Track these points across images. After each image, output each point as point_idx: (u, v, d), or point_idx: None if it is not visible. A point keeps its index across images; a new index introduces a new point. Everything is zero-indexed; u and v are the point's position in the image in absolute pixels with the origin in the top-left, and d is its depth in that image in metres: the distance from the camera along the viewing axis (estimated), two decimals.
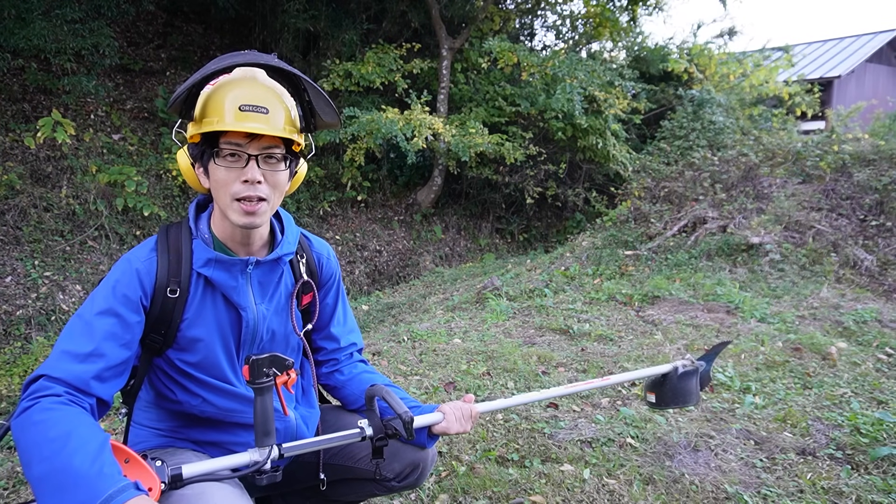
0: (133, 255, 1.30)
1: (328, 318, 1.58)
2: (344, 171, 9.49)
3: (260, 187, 1.25)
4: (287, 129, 1.26)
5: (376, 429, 1.36)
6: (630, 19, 11.14)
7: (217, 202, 1.31)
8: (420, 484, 1.61)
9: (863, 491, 2.15)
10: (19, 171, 6.93)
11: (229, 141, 1.23)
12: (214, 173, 1.27)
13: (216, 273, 1.31)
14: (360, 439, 1.35)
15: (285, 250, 1.39)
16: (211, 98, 1.23)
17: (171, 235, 1.32)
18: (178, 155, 1.36)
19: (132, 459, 1.06)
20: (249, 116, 1.21)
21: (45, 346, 5.63)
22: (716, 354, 1.97)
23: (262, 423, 1.19)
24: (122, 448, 1.06)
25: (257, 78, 1.27)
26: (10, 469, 2.54)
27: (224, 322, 1.35)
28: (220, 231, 1.35)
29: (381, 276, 9.22)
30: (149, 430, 1.42)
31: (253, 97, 1.22)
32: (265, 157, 1.26)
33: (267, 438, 1.19)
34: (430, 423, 1.45)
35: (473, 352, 3.79)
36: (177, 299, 1.29)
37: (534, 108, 9.61)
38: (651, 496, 2.18)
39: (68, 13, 7.37)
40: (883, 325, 4.13)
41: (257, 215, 1.27)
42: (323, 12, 9.69)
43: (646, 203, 6.91)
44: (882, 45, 18.90)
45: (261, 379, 1.19)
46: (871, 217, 5.83)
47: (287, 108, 1.28)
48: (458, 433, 1.46)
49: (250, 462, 1.20)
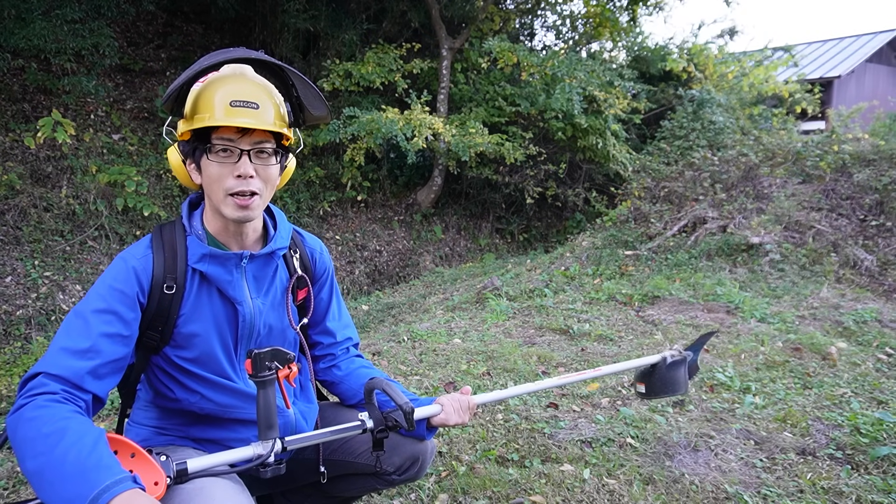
0: (128, 254, 1.31)
1: (323, 312, 1.59)
2: (344, 171, 9.49)
3: (252, 181, 1.28)
4: (277, 124, 1.29)
5: (377, 421, 1.37)
6: (630, 19, 11.14)
7: (210, 197, 1.32)
8: (420, 477, 1.61)
9: (863, 491, 2.15)
10: (19, 171, 6.93)
11: (221, 136, 1.25)
12: (207, 169, 1.28)
13: (211, 268, 1.32)
14: (361, 431, 1.36)
15: (279, 244, 1.41)
16: (201, 95, 1.25)
17: (166, 233, 1.34)
18: (168, 152, 1.38)
19: (138, 454, 1.06)
20: (240, 112, 1.23)
21: (44, 345, 5.63)
22: (702, 344, 2.00)
23: (266, 416, 1.19)
24: (128, 443, 1.06)
25: (246, 74, 1.29)
26: (10, 469, 2.54)
27: (221, 317, 1.35)
28: (213, 226, 1.36)
29: (381, 276, 9.22)
30: (148, 429, 1.42)
31: (243, 93, 1.24)
32: (257, 152, 1.28)
33: (270, 431, 1.19)
34: (429, 414, 1.46)
35: (473, 352, 3.79)
36: (173, 295, 1.30)
37: (534, 108, 9.61)
38: (651, 496, 2.18)
39: (68, 13, 7.36)
40: (883, 325, 4.13)
41: (251, 209, 1.29)
42: (323, 12, 9.68)
43: (646, 203, 6.91)
44: (882, 45, 18.89)
45: (263, 372, 1.20)
46: (871, 217, 5.83)
47: (276, 103, 1.30)
48: (456, 424, 1.47)
49: (254, 456, 1.20)
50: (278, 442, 1.21)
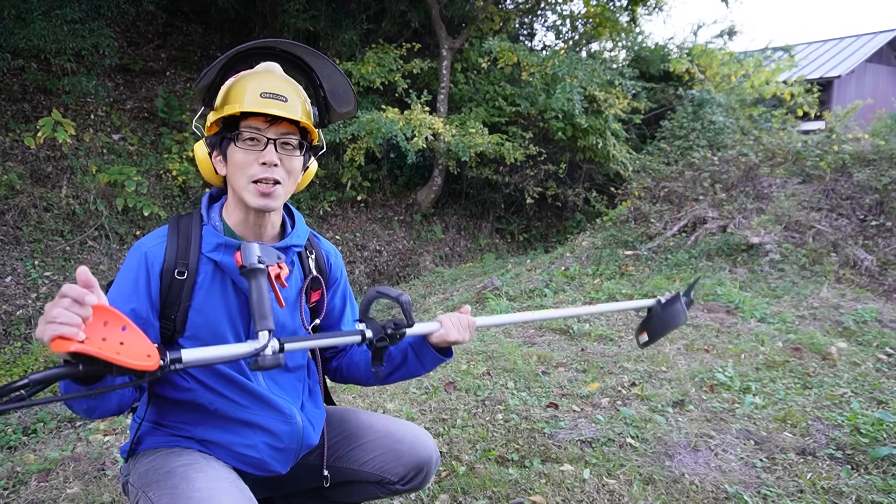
0: (143, 241, 1.35)
1: (338, 317, 1.60)
2: (344, 171, 9.49)
3: (276, 170, 1.31)
4: (303, 119, 1.33)
5: (375, 330, 1.35)
6: (630, 19, 11.14)
7: (233, 186, 1.35)
8: (424, 487, 1.61)
9: (863, 491, 2.15)
10: (19, 171, 6.93)
11: (249, 125, 1.30)
12: (233, 156, 1.32)
13: (225, 258, 1.33)
14: (360, 340, 1.33)
15: (295, 241, 1.43)
16: (233, 87, 1.32)
17: (182, 222, 1.37)
18: (195, 147, 1.42)
19: (129, 327, 1.02)
20: (269, 102, 1.29)
21: (44, 345, 5.62)
22: (692, 288, 2.01)
23: (259, 305, 1.16)
24: (119, 315, 1.01)
25: (275, 71, 1.37)
26: (9, 469, 2.54)
27: (233, 307, 1.36)
28: (233, 219, 1.38)
29: (381, 276, 9.22)
30: (154, 427, 1.41)
31: (272, 86, 1.31)
32: (282, 143, 1.33)
33: (265, 321, 1.15)
34: (428, 330, 1.45)
35: (473, 352, 3.79)
36: (185, 281, 1.32)
37: (534, 108, 9.61)
38: (651, 496, 2.18)
39: (68, 13, 7.36)
40: (883, 325, 4.13)
41: (272, 197, 1.32)
42: (323, 12, 9.68)
43: (646, 203, 6.91)
44: (882, 45, 18.89)
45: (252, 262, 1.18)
46: (871, 217, 5.82)
47: (303, 100, 1.36)
48: (456, 341, 1.45)
49: (252, 350, 1.14)
50: (275, 341, 1.15)
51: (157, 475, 1.26)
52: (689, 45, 11.67)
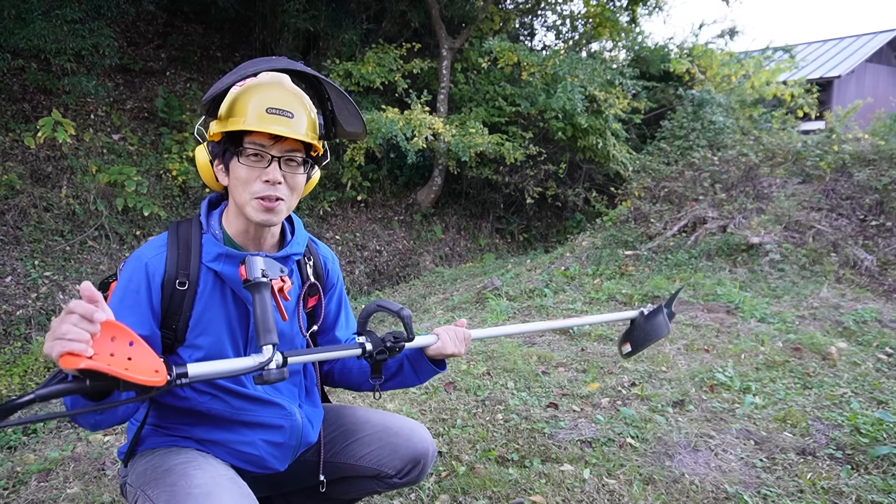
0: (143, 251, 1.33)
1: (333, 321, 1.60)
2: (344, 171, 9.49)
3: (280, 188, 1.30)
4: (309, 135, 1.31)
5: (375, 343, 1.37)
6: (630, 19, 11.13)
7: (234, 199, 1.34)
8: (421, 480, 1.61)
9: (863, 491, 2.15)
10: (19, 171, 6.93)
11: (253, 141, 1.27)
12: (236, 171, 1.30)
13: (226, 268, 1.33)
14: (360, 353, 1.35)
15: (294, 249, 1.42)
16: (238, 99, 1.28)
17: (182, 230, 1.36)
18: (196, 151, 1.40)
19: (136, 342, 1.02)
20: (275, 119, 1.26)
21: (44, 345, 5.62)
22: (674, 298, 2.03)
23: (263, 319, 1.17)
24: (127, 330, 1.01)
25: (283, 83, 1.33)
26: (9, 469, 2.54)
27: (233, 317, 1.36)
28: (233, 228, 1.37)
29: (381, 276, 9.22)
30: (152, 428, 1.41)
31: (279, 101, 1.27)
32: (286, 160, 1.31)
33: (269, 335, 1.16)
34: (425, 343, 1.47)
35: (473, 352, 3.79)
36: (185, 292, 1.31)
37: (534, 107, 9.60)
38: (651, 496, 2.18)
39: (68, 13, 7.36)
40: (883, 325, 4.13)
41: (275, 213, 1.31)
42: (323, 12, 9.68)
43: (646, 203, 6.91)
44: (882, 45, 18.88)
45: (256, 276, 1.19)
46: (871, 217, 5.82)
47: (310, 114, 1.33)
48: (453, 354, 1.47)
49: (256, 364, 1.16)
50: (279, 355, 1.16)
51: (155, 473, 1.27)
52: (690, 45, 11.66)
